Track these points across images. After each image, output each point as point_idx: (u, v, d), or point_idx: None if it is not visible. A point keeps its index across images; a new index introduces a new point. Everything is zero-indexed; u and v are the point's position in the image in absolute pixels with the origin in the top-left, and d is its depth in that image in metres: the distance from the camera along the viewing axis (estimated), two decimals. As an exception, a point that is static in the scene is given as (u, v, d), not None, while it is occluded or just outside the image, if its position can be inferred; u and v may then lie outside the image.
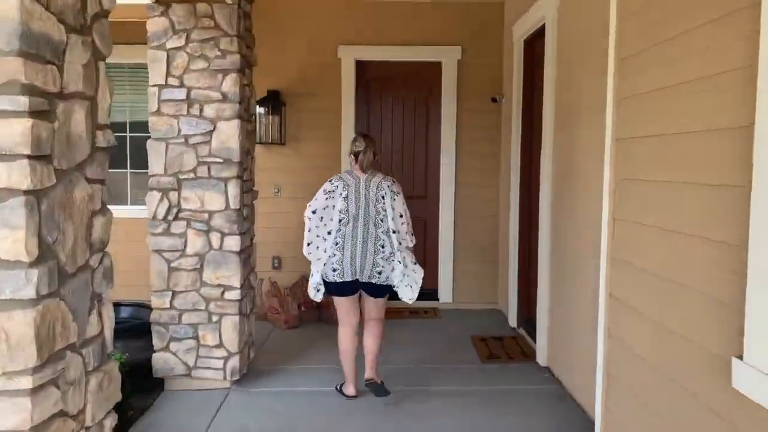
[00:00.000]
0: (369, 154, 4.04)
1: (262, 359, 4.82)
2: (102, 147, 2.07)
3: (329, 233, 3.94)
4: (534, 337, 4.84)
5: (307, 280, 5.72)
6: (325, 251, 3.93)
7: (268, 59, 6.10)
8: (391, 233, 3.93)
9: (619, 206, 2.94)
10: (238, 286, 4.11)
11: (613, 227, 2.99)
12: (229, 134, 4.04)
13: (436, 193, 6.40)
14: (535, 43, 5.24)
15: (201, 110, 4.04)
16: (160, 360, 4.16)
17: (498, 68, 6.19)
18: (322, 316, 5.91)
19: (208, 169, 4.06)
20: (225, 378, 4.17)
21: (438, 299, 6.39)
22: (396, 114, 6.40)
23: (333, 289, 4.01)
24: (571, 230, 3.96)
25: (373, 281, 3.94)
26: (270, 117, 6.08)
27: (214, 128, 4.05)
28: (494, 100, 6.12)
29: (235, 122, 4.03)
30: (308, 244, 3.97)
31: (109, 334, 2.13)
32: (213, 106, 4.03)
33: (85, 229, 1.95)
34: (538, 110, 4.89)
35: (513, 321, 5.64)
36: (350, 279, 3.92)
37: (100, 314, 2.08)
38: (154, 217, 4.09)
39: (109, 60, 2.11)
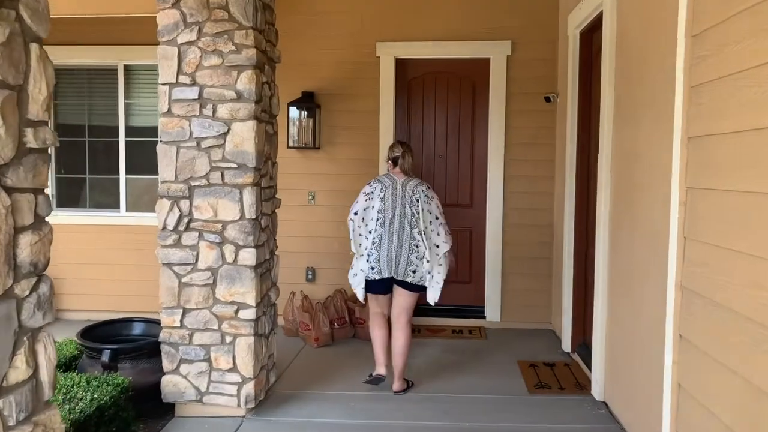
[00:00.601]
0: (408, 158, 4.28)
1: (286, 382, 4.42)
2: (34, 148, 1.69)
3: (370, 232, 4.16)
4: (590, 365, 4.27)
5: (341, 294, 5.40)
6: (366, 249, 4.15)
7: (302, 59, 5.75)
8: (423, 234, 4.09)
9: (692, 223, 2.39)
10: (253, 304, 3.72)
11: (683, 249, 2.43)
12: (244, 136, 3.66)
13: (482, 202, 5.89)
14: (592, 34, 4.68)
15: (214, 110, 3.67)
16: (169, 383, 3.81)
17: (552, 64, 5.63)
18: (357, 333, 5.48)
19: (222, 175, 3.69)
20: (239, 405, 3.78)
21: (484, 317, 5.87)
22: (439, 116, 5.92)
23: (370, 286, 4.21)
24: (632, 246, 3.40)
25: (407, 279, 4.13)
26: (304, 120, 5.69)
27: (228, 130, 3.67)
28: (548, 99, 5.57)
29: (251, 123, 3.65)
30: (358, 245, 4.20)
31: (47, 376, 1.74)
32: (227, 106, 3.66)
33: (3, 249, 1.56)
34: (595, 109, 4.33)
35: (567, 345, 5.06)
36: (387, 276, 4.13)
37: (33, 353, 1.69)
38: (164, 228, 3.74)
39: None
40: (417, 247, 4.09)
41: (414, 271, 4.10)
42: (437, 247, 4.12)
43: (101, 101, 6.09)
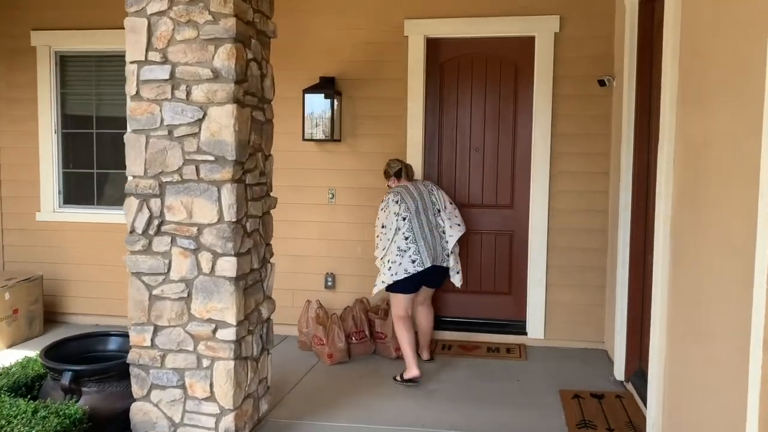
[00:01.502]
0: (410, 169, 4.68)
1: (287, 407, 3.84)
2: None
3: (403, 236, 4.29)
4: (646, 399, 3.49)
5: (362, 304, 4.85)
6: (391, 252, 4.30)
7: (321, 40, 5.16)
8: (445, 221, 4.43)
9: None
10: (233, 322, 3.14)
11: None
12: (221, 123, 3.08)
13: (525, 202, 5.15)
14: (653, 2, 3.89)
15: (188, 93, 3.11)
16: (139, 412, 3.28)
17: (606, 42, 4.84)
18: (377, 349, 4.86)
19: (197, 169, 3.12)
20: (218, 440, 3.21)
21: (525, 333, 5.13)
22: (476, 104, 5.21)
23: (407, 285, 4.29)
24: (699, 261, 2.63)
25: (444, 264, 4.40)
26: (323, 109, 5.09)
27: (204, 116, 3.10)
28: (602, 83, 4.78)
29: (229, 108, 3.06)
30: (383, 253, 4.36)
31: None
32: (203, 87, 3.08)
33: None
34: (657, 93, 3.54)
35: (620, 371, 4.28)
36: (429, 265, 4.29)
37: None
38: (132, 231, 3.21)
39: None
40: (443, 233, 4.41)
41: (448, 255, 4.40)
42: (450, 228, 4.44)
43: (110, 89, 5.65)
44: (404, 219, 4.29)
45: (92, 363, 3.46)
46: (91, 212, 5.63)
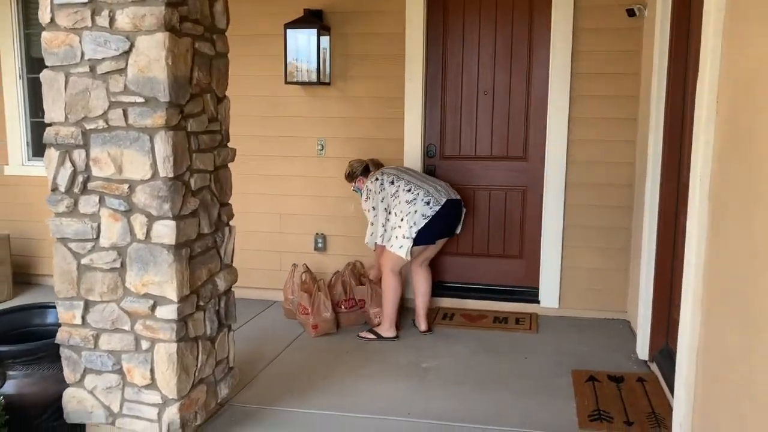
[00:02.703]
0: (376, 160, 4.35)
1: (257, 389, 3.37)
2: None
3: (409, 191, 3.95)
4: (673, 384, 2.92)
5: (354, 268, 4.41)
6: (401, 211, 3.92)
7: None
8: None
9: None
10: (175, 298, 2.62)
11: None
12: (151, 57, 2.50)
13: (539, 153, 4.51)
14: None
15: (112, 19, 2.52)
16: (73, 399, 2.81)
17: (638, -37, 4.11)
18: (368, 319, 4.34)
19: (125, 113, 2.56)
20: (162, 434, 2.74)
21: (538, 302, 4.56)
22: (485, 40, 4.54)
23: (427, 233, 3.92)
24: (749, 230, 2.02)
25: (458, 197, 4.08)
26: (308, 47, 4.46)
27: (131, 48, 2.52)
28: (631, 12, 4.07)
29: (160, 36, 2.48)
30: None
31: None
32: (128, 12, 2.50)
33: None
34: (697, 18, 2.85)
35: (643, 348, 3.71)
36: (445, 200, 3.93)
37: None
38: (55, 189, 2.69)
39: None
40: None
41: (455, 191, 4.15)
42: None
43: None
44: (392, 182, 4.01)
45: (27, 341, 2.99)
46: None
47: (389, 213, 4.01)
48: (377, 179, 4.08)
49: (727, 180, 2.27)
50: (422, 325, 4.20)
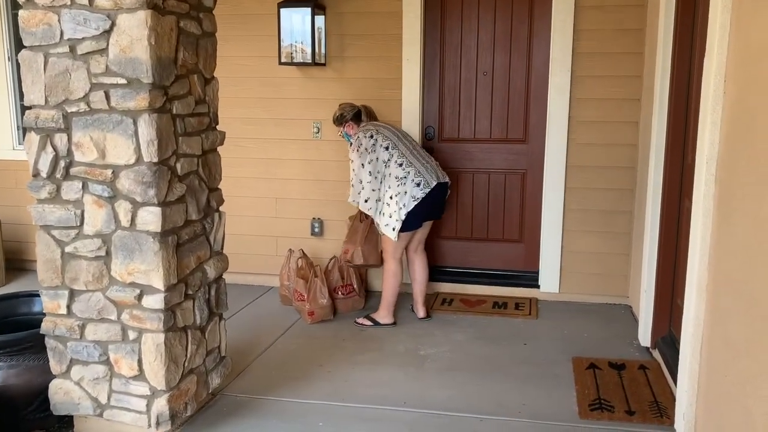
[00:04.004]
0: (371, 110, 4.19)
1: (249, 379, 3.29)
2: None
3: (399, 165, 3.81)
4: (675, 372, 2.84)
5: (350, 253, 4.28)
6: (390, 187, 3.81)
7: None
8: None
9: None
10: (161, 287, 2.54)
11: None
12: (133, 36, 2.39)
13: (540, 135, 4.40)
14: None
15: (92, -3, 2.42)
16: (59, 391, 2.75)
17: (643, -62, 3.97)
18: (368, 305, 4.27)
19: (107, 96, 2.46)
20: (150, 425, 2.67)
21: (538, 286, 4.48)
22: (484, 20, 4.41)
23: (416, 217, 3.83)
24: (758, 216, 1.92)
25: (446, 180, 3.96)
26: (303, 27, 4.34)
27: (112, 27, 2.41)
28: (635, -11, 3.95)
29: (142, 15, 2.37)
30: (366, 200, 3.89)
31: None
32: (109, -11, 2.39)
33: None
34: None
35: (645, 335, 3.63)
36: (435, 183, 3.83)
37: None
38: (36, 174, 2.59)
39: None
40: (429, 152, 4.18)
41: (443, 173, 4.00)
42: None
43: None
44: (387, 148, 3.83)
45: (14, 331, 2.92)
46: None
47: (380, 183, 3.85)
48: (372, 137, 3.87)
49: (735, 163, 2.17)
50: (420, 312, 4.12)
